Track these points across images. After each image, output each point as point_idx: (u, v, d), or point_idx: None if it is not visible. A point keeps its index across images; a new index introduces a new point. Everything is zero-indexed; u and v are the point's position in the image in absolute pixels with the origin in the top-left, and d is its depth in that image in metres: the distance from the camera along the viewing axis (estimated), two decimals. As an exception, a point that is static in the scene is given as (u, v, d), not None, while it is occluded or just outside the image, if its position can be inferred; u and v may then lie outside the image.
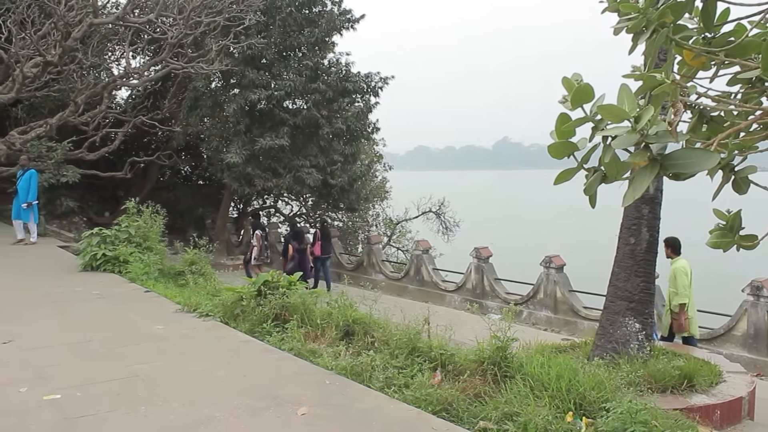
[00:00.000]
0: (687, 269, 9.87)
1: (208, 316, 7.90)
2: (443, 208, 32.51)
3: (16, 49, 17.31)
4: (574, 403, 4.84)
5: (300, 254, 19.11)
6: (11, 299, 9.18)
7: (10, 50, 17.60)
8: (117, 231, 12.41)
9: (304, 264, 18.61)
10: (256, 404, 4.86)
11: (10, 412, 4.69)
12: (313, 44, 23.13)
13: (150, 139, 26.85)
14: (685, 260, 10.04)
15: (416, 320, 6.31)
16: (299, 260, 18.82)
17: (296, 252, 19.02)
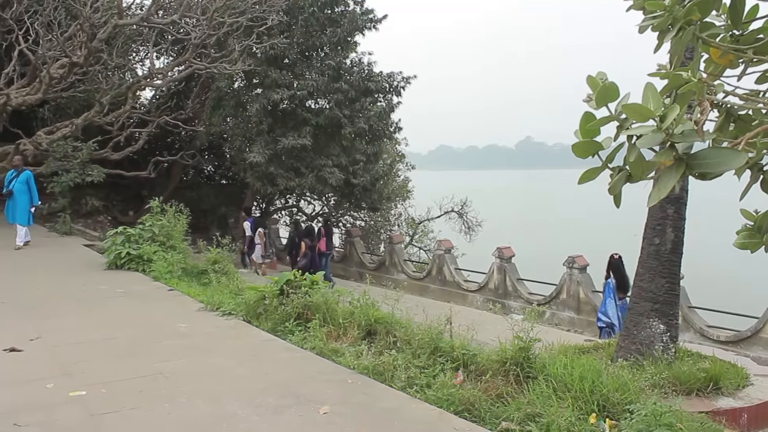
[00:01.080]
0: None
1: (231, 314, 7.94)
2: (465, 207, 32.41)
3: (43, 50, 17.54)
4: (598, 404, 4.80)
5: (312, 251, 19.36)
6: (38, 297, 9.30)
7: (37, 52, 17.84)
8: (141, 230, 12.51)
9: (315, 261, 19.00)
10: (279, 402, 4.87)
11: (37, 407, 4.75)
12: (336, 44, 23.18)
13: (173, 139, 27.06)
14: None
15: (438, 320, 6.30)
16: (311, 257, 19.11)
17: (308, 249, 19.23)
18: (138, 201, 24.47)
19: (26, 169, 15.64)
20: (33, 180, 15.30)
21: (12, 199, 14.85)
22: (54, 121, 21.67)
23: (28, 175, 15.18)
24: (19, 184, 14.87)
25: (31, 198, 15.10)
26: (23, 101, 18.58)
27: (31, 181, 15.14)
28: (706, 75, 2.19)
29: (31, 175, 15.35)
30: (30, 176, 15.25)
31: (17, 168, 15.29)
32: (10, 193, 14.86)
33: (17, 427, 4.36)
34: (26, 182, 14.97)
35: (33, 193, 15.16)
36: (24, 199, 14.88)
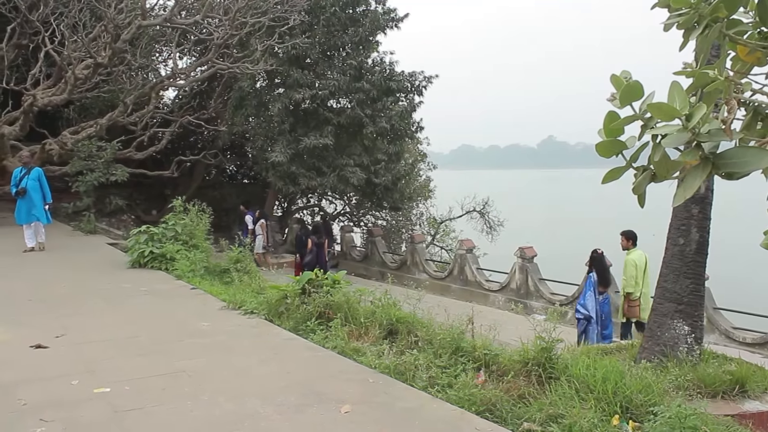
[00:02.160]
0: (638, 261, 10.83)
1: (253, 313, 7.98)
2: (487, 207, 32.30)
3: (68, 51, 17.75)
4: (621, 406, 4.76)
5: (318, 248, 19.67)
6: (63, 295, 9.41)
7: (62, 53, 18.06)
8: (164, 229, 12.59)
9: (321, 257, 19.50)
10: (300, 401, 4.89)
11: (63, 403, 4.81)
12: (357, 43, 23.20)
13: (196, 139, 27.27)
14: (641, 252, 11.02)
15: (460, 320, 6.28)
16: (317, 253, 19.48)
17: (315, 245, 19.55)
18: (161, 200, 24.67)
19: (36, 166, 15.12)
20: (44, 177, 14.64)
21: (25, 198, 14.08)
22: (79, 121, 21.94)
23: (39, 172, 14.53)
24: (31, 182, 14.19)
25: (44, 195, 14.40)
26: (49, 102, 18.83)
27: (42, 178, 14.48)
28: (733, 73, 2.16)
29: (41, 172, 14.70)
30: (41, 173, 14.59)
31: (27, 165, 14.63)
32: (23, 192, 14.10)
33: (43, 423, 4.41)
34: (38, 179, 14.32)
35: (45, 191, 14.45)
36: (39, 197, 14.25)
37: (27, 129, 19.15)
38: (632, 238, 11.11)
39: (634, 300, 10.94)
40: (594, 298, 11.06)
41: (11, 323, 7.42)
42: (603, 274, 11.13)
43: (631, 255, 10.95)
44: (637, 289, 10.88)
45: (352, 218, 31.00)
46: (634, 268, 10.79)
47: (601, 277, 11.12)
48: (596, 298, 11.02)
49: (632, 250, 11.03)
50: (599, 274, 11.15)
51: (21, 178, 14.16)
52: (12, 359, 5.99)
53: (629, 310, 11.04)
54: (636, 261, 10.85)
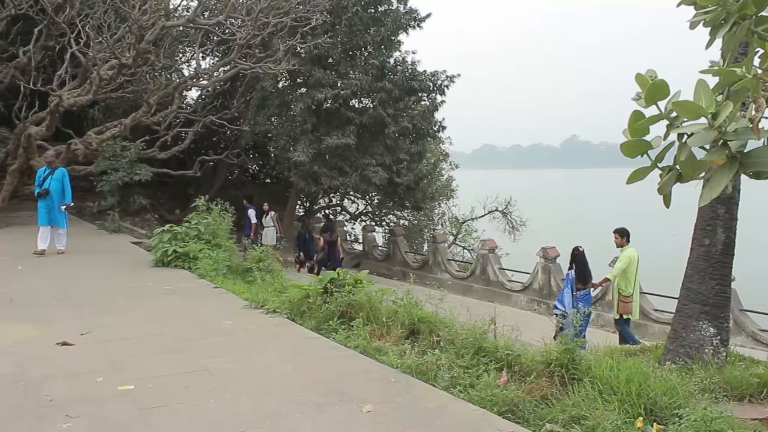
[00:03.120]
0: (633, 257, 11.13)
1: (275, 312, 8.00)
2: (510, 207, 32.16)
3: (93, 52, 17.94)
4: (645, 408, 4.71)
5: (330, 246, 20.02)
6: (89, 293, 9.51)
7: (88, 54, 18.26)
8: (187, 228, 12.66)
9: (334, 254, 19.97)
10: (322, 400, 4.90)
11: (88, 400, 4.86)
12: (379, 43, 23.23)
13: (219, 138, 27.47)
14: (634, 249, 11.31)
15: (482, 320, 6.26)
16: (329, 251, 19.91)
17: (326, 243, 19.93)
18: (184, 199, 24.89)
19: (60, 166, 14.65)
20: (68, 178, 14.07)
21: (48, 199, 13.55)
22: (103, 121, 22.20)
23: (63, 173, 13.99)
24: (54, 182, 13.67)
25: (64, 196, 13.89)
26: (74, 102, 19.05)
27: (65, 178, 13.92)
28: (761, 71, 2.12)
29: (65, 172, 14.15)
30: (65, 174, 14.04)
31: (51, 165, 14.10)
32: (46, 193, 13.55)
33: (69, 418, 4.47)
34: (61, 180, 13.79)
35: (66, 192, 13.92)
36: (60, 200, 13.77)
37: (53, 129, 19.39)
38: (626, 235, 11.41)
39: (628, 296, 11.17)
40: (571, 294, 11.10)
41: (38, 320, 7.53)
42: (582, 270, 11.18)
43: (626, 252, 11.23)
44: (630, 286, 11.16)
45: (374, 218, 31.03)
46: (627, 261, 11.06)
47: (580, 273, 11.19)
48: (573, 294, 11.03)
49: (626, 247, 11.31)
50: (578, 270, 11.24)
51: (44, 179, 13.71)
52: (39, 356, 6.07)
53: (623, 307, 11.26)
54: (630, 256, 11.13)
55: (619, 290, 11.32)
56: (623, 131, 2.01)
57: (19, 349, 6.32)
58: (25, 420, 4.49)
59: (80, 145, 19.52)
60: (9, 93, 19.60)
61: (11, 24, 19.13)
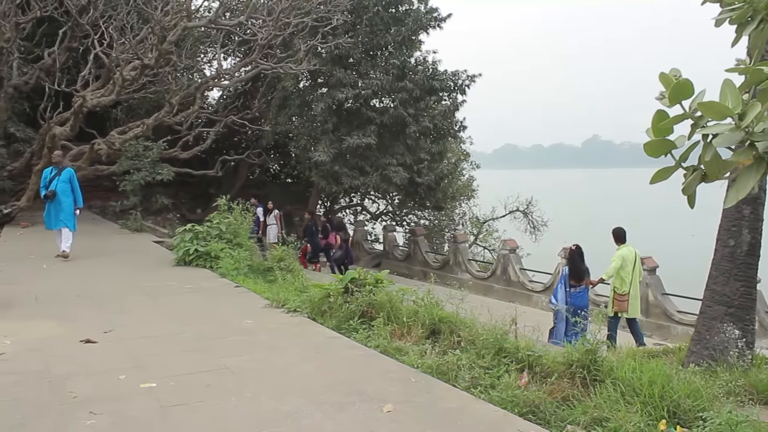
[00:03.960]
0: (627, 256, 11.12)
1: (296, 311, 8.03)
2: (531, 207, 32.00)
3: (116, 53, 18.11)
4: (668, 410, 4.66)
5: (346, 243, 20.28)
6: (112, 291, 9.61)
7: (111, 55, 18.44)
8: (208, 227, 12.75)
9: (350, 253, 20.28)
10: (342, 400, 4.90)
11: (111, 397, 4.91)
12: (400, 43, 23.22)
13: (240, 138, 27.62)
14: (630, 248, 11.29)
15: (503, 320, 6.23)
16: (346, 249, 20.12)
17: (343, 242, 20.07)
18: (206, 199, 25.06)
19: (68, 167, 13.89)
20: (76, 179, 13.35)
21: (54, 202, 12.88)
22: (126, 121, 22.41)
23: (70, 174, 13.26)
24: (62, 184, 12.94)
25: (75, 199, 13.17)
26: (98, 102, 19.24)
27: (74, 180, 13.21)
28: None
29: (73, 173, 13.44)
30: (72, 174, 13.31)
31: (58, 165, 13.33)
32: (52, 195, 12.84)
33: (93, 415, 4.51)
34: (69, 181, 13.07)
35: (77, 194, 13.19)
36: (69, 201, 13.00)
37: (77, 129, 19.60)
38: (620, 236, 11.48)
39: (623, 294, 11.15)
40: (564, 290, 11.09)
41: (62, 318, 7.62)
42: (575, 267, 11.12)
43: (620, 251, 11.27)
44: (625, 284, 11.12)
45: (395, 218, 31.01)
46: (620, 261, 11.08)
47: (572, 271, 11.16)
48: (566, 290, 11.01)
49: (620, 247, 11.33)
50: (571, 267, 11.23)
51: (50, 180, 13.00)
52: (63, 353, 6.14)
53: (618, 304, 11.25)
54: (624, 256, 11.13)
55: (614, 288, 11.34)
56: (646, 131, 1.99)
57: (44, 346, 6.40)
58: (49, 416, 4.55)
59: (103, 145, 19.71)
60: (34, 94, 19.86)
61: (37, 26, 19.37)
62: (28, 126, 20.51)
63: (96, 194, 23.05)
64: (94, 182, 22.40)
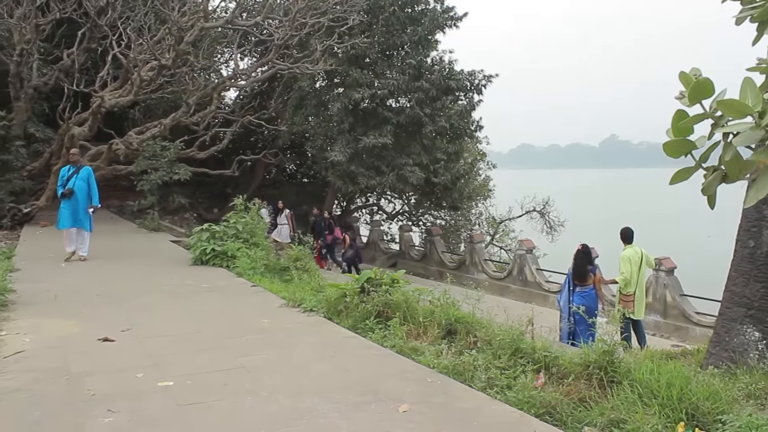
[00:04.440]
0: (633, 257, 11.08)
1: (312, 311, 8.04)
2: (547, 207, 31.89)
3: (134, 54, 18.25)
4: (686, 413, 4.61)
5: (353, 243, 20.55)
6: (129, 290, 9.67)
7: (129, 56, 18.58)
8: (225, 227, 12.81)
9: (359, 252, 20.62)
10: (358, 399, 4.90)
11: (128, 395, 4.95)
12: (416, 42, 23.20)
13: (257, 138, 27.73)
14: (635, 249, 11.23)
15: (519, 321, 6.21)
16: (356, 249, 20.53)
17: (352, 241, 20.40)
18: (222, 199, 25.18)
19: (86, 165, 13.74)
20: (93, 177, 13.10)
21: (72, 201, 12.58)
22: (144, 121, 22.59)
23: (88, 172, 13.00)
24: (80, 182, 12.70)
25: (90, 198, 12.88)
26: (116, 103, 19.41)
27: (91, 178, 12.95)
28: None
29: (91, 171, 13.21)
30: (90, 173, 13.06)
31: (76, 164, 13.06)
32: (70, 193, 12.58)
33: (110, 413, 4.55)
34: (86, 180, 12.82)
35: (93, 193, 12.89)
36: (85, 201, 12.76)
37: (95, 129, 19.78)
38: (622, 236, 11.45)
39: (628, 294, 11.11)
40: (567, 290, 11.05)
41: (80, 317, 7.68)
42: (579, 267, 11.02)
43: (625, 251, 11.21)
44: (631, 285, 11.10)
45: (411, 217, 31.01)
46: (628, 264, 11.02)
47: (575, 270, 11.04)
48: (569, 289, 10.95)
49: (627, 247, 11.28)
50: (574, 267, 11.11)
51: (69, 178, 12.78)
52: (81, 351, 6.19)
53: (623, 305, 11.16)
54: (630, 257, 11.08)
55: (620, 289, 11.31)
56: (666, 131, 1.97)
57: (62, 344, 6.46)
58: (68, 413, 4.58)
59: (121, 145, 19.87)
60: (53, 94, 20.05)
61: (56, 27, 19.56)
62: (47, 126, 20.71)
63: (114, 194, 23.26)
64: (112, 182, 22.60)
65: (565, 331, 10.63)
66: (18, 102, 18.57)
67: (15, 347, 6.26)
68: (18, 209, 17.87)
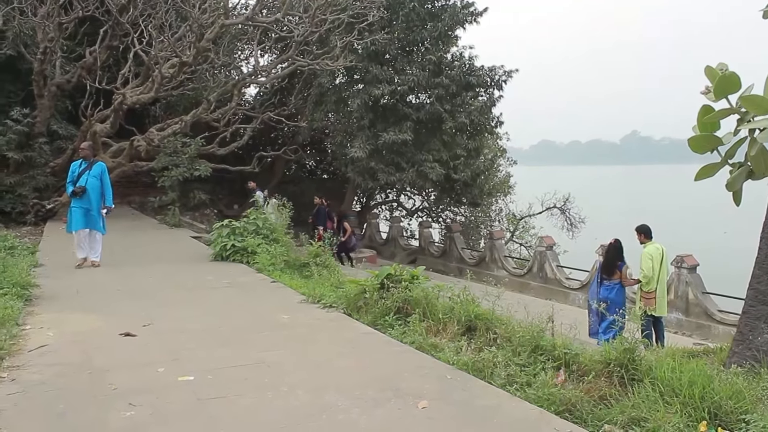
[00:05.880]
0: (654, 254, 10.92)
1: (332, 307, 8.05)
2: (568, 203, 31.71)
3: (155, 51, 18.36)
4: (709, 412, 4.55)
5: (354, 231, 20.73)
6: (150, 285, 9.76)
7: (150, 53, 18.70)
8: (245, 223, 12.85)
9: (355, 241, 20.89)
10: (378, 395, 4.91)
11: (150, 389, 4.99)
12: (436, 38, 23.13)
13: (277, 135, 27.82)
14: (656, 245, 11.08)
15: (539, 318, 6.17)
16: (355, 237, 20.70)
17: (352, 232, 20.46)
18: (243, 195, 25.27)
19: (99, 160, 12.58)
20: (107, 174, 11.97)
21: (84, 199, 11.45)
22: (165, 118, 22.72)
23: (101, 168, 11.82)
24: (92, 179, 11.55)
25: (104, 197, 11.76)
26: (137, 100, 19.54)
27: (105, 175, 11.79)
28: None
29: (104, 167, 12.01)
30: (104, 169, 11.88)
31: (87, 158, 11.84)
32: (81, 191, 11.41)
33: (132, 407, 4.59)
34: (99, 177, 11.66)
35: (106, 191, 11.77)
36: (98, 200, 11.66)
37: (117, 126, 19.94)
38: (644, 233, 11.29)
39: (650, 292, 10.99)
40: (595, 283, 11.08)
41: (102, 312, 7.75)
42: (608, 261, 11.00)
43: (647, 249, 11.07)
44: (652, 282, 10.96)
45: (431, 214, 30.95)
46: (650, 260, 10.88)
47: (605, 264, 11.02)
48: (597, 282, 10.97)
49: (648, 244, 11.14)
50: (605, 260, 11.11)
51: (80, 175, 11.60)
52: (103, 346, 6.25)
53: (645, 303, 11.09)
54: (651, 254, 10.95)
55: (641, 287, 11.22)
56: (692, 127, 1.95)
57: (85, 338, 6.53)
58: (91, 407, 4.63)
59: (142, 141, 20.02)
60: (76, 92, 20.22)
61: (78, 25, 19.71)
62: (70, 123, 20.90)
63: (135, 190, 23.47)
64: (134, 178, 22.80)
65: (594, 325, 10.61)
66: (41, 100, 18.76)
67: (39, 341, 6.34)
68: (41, 205, 18.08)
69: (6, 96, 19.72)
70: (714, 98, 1.79)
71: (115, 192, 12.66)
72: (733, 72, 1.79)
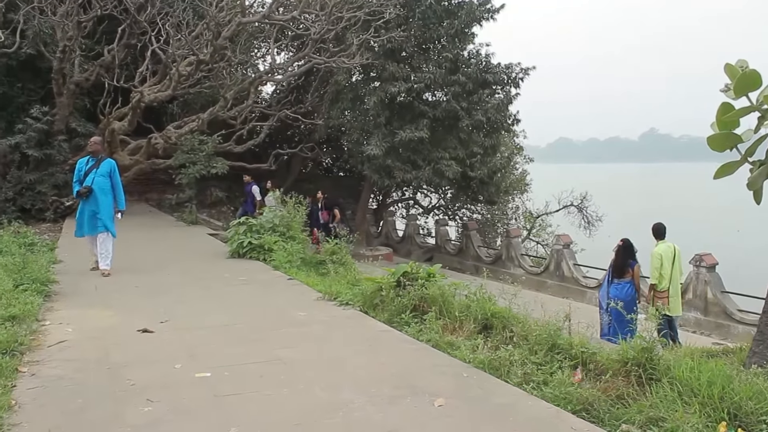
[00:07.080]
0: (665, 253, 10.77)
1: (348, 304, 8.07)
2: (585, 202, 31.52)
3: (173, 49, 18.46)
4: (728, 412, 4.51)
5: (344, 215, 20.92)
6: (167, 282, 9.82)
7: (167, 51, 18.80)
8: (262, 220, 12.92)
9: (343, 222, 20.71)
10: (394, 393, 4.91)
11: (167, 385, 5.03)
12: (453, 36, 23.04)
13: (293, 132, 27.86)
14: (667, 245, 10.90)
15: (556, 316, 6.14)
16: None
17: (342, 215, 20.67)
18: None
19: (108, 157, 11.32)
20: (117, 172, 10.80)
21: (91, 201, 10.37)
22: (182, 116, 22.84)
23: (110, 166, 10.64)
24: (100, 178, 10.40)
25: (115, 199, 10.63)
26: (155, 98, 19.67)
27: (115, 173, 10.64)
28: None
29: (114, 165, 10.81)
30: (113, 167, 10.70)
31: (95, 155, 10.65)
32: (87, 192, 10.31)
33: (150, 402, 4.62)
34: (109, 175, 10.52)
35: (118, 192, 10.63)
36: (108, 200, 10.49)
37: (135, 124, 20.08)
38: (654, 232, 11.20)
39: (662, 291, 10.86)
40: (606, 283, 10.95)
41: (120, 308, 7.82)
42: (618, 262, 10.84)
43: (657, 248, 10.95)
44: (663, 281, 10.83)
45: (447, 212, 30.90)
46: (659, 260, 10.77)
47: (615, 265, 10.87)
48: (608, 282, 10.84)
49: (659, 243, 11.01)
50: (615, 262, 10.94)
51: (86, 173, 10.48)
52: (121, 342, 6.31)
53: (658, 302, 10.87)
54: (661, 253, 10.82)
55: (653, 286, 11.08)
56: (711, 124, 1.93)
57: (103, 334, 6.59)
58: (109, 402, 4.68)
59: (160, 139, 20.14)
60: (94, 90, 20.39)
61: (97, 24, 19.86)
62: (88, 121, 21.07)
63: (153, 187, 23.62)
64: (151, 176, 22.94)
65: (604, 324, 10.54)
66: (60, 98, 18.93)
67: (58, 337, 6.41)
68: (60, 202, 18.25)
69: (26, 94, 19.91)
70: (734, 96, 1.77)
71: (132, 189, 12.80)
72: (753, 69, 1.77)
